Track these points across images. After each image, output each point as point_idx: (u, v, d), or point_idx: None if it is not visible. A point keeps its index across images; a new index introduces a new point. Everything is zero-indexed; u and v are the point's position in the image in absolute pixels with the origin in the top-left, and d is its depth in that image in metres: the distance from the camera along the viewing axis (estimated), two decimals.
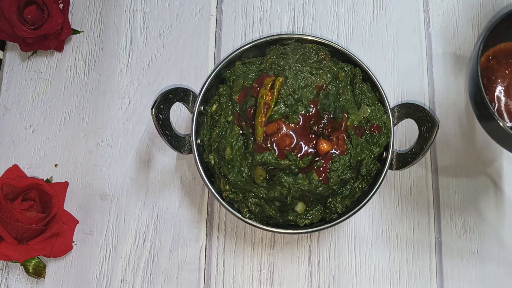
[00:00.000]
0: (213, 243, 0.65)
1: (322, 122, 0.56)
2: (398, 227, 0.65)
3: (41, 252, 0.61)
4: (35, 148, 0.68)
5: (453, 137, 0.67)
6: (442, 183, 0.66)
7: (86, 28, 0.72)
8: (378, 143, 0.59)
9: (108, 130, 0.68)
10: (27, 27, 0.67)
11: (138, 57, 0.70)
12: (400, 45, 0.71)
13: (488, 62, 0.58)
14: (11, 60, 0.71)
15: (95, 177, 0.66)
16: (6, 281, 0.63)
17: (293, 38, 0.63)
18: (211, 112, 0.62)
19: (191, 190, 0.66)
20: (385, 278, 0.64)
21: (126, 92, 0.69)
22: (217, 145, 0.59)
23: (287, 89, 0.56)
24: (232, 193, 0.58)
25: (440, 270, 0.64)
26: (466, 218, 0.65)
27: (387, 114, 0.60)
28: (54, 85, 0.70)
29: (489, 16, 0.72)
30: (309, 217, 0.58)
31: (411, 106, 0.60)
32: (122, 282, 0.63)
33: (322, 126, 0.56)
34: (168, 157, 0.67)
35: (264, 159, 0.54)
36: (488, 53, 0.58)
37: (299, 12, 0.72)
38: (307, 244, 0.65)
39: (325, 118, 0.56)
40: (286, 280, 0.64)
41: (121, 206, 0.65)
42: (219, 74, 0.62)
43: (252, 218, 0.58)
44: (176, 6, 0.72)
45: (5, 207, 0.60)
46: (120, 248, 0.64)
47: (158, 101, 0.57)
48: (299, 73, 0.57)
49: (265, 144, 0.55)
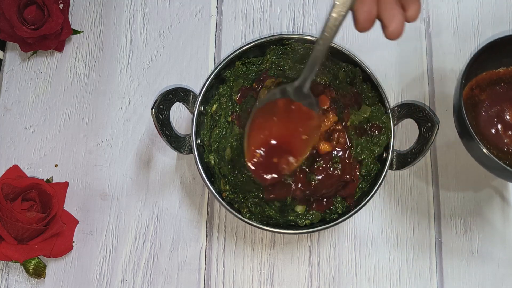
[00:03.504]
0: (213, 243, 0.65)
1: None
2: (398, 227, 0.65)
3: (41, 252, 0.61)
4: (35, 148, 0.68)
5: (453, 137, 0.67)
6: (442, 183, 0.66)
7: (86, 28, 0.72)
8: (378, 143, 0.59)
9: (108, 130, 0.68)
10: (27, 27, 0.67)
11: (138, 57, 0.70)
12: (400, 45, 0.71)
13: (472, 91, 0.61)
14: (11, 60, 0.71)
15: (95, 177, 0.67)
16: (6, 281, 0.63)
17: (293, 38, 0.63)
18: (211, 112, 0.62)
19: (191, 190, 0.66)
20: (385, 278, 0.64)
21: (126, 92, 0.69)
22: (217, 145, 0.59)
23: None
24: (232, 193, 0.58)
25: (440, 270, 0.64)
26: (466, 218, 0.65)
27: (387, 114, 0.60)
28: (54, 85, 0.70)
29: (489, 16, 0.72)
30: (309, 217, 0.58)
31: (411, 106, 0.60)
32: (122, 282, 0.63)
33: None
34: (168, 157, 0.67)
35: None
36: (471, 83, 0.61)
37: (299, 12, 0.72)
38: (307, 244, 0.65)
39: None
40: (286, 280, 0.64)
41: (121, 206, 0.66)
42: (219, 74, 0.62)
43: (252, 218, 0.58)
44: (176, 6, 0.72)
45: (5, 207, 0.60)
46: (120, 248, 0.64)
47: (158, 101, 0.57)
48: (299, 73, 0.57)
49: None
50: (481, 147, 0.54)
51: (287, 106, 0.52)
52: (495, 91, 0.61)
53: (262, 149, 0.51)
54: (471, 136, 0.55)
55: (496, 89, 0.61)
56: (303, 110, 0.52)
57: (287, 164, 0.52)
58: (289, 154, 0.52)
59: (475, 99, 0.60)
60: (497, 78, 0.62)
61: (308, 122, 0.52)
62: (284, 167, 0.52)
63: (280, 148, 0.52)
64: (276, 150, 0.52)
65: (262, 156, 0.51)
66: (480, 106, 0.60)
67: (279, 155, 0.52)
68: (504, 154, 0.58)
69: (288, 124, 0.52)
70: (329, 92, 0.56)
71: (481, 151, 0.55)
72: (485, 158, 0.55)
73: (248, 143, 0.52)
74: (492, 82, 0.61)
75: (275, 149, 0.52)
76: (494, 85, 0.61)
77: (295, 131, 0.52)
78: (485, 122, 0.59)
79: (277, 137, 0.52)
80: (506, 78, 0.62)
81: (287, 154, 0.52)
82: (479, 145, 0.55)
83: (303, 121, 0.52)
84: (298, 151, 0.52)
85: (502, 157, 0.58)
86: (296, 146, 0.52)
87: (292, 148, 0.52)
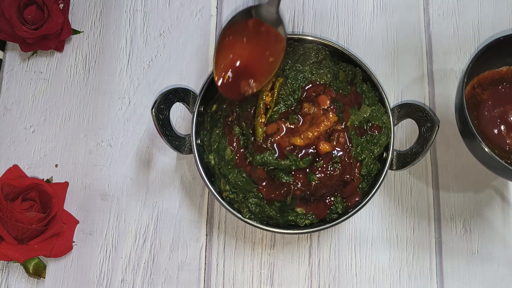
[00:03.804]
0: (213, 243, 0.65)
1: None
2: (398, 227, 0.65)
3: (41, 252, 0.61)
4: (35, 148, 0.68)
5: (453, 137, 0.67)
6: (442, 183, 0.66)
7: (86, 28, 0.72)
8: (378, 143, 0.59)
9: (108, 130, 0.68)
10: (27, 27, 0.67)
11: (138, 57, 0.70)
12: (400, 45, 0.71)
13: (474, 90, 0.61)
14: (11, 60, 0.71)
15: (95, 177, 0.66)
16: (6, 281, 0.63)
17: (293, 38, 0.63)
18: (211, 112, 0.62)
19: (191, 190, 0.66)
20: (385, 278, 0.64)
21: (126, 92, 0.69)
22: (217, 145, 0.59)
23: (287, 89, 0.56)
24: (232, 193, 0.58)
25: (440, 270, 0.64)
26: (466, 218, 0.65)
27: (387, 114, 0.60)
28: (54, 85, 0.70)
29: (489, 16, 0.72)
30: (309, 217, 0.58)
31: (411, 106, 0.60)
32: (122, 282, 0.63)
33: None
34: (168, 157, 0.67)
35: (264, 160, 0.54)
36: (473, 82, 0.61)
37: (299, 12, 0.72)
38: (307, 244, 0.64)
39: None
40: (286, 280, 0.64)
41: (121, 206, 0.65)
42: None
43: (252, 218, 0.58)
44: (176, 6, 0.72)
45: (5, 207, 0.60)
46: (120, 248, 0.64)
47: (158, 101, 0.57)
48: (299, 73, 0.57)
49: (265, 145, 0.55)
50: (483, 146, 0.54)
51: (256, 27, 0.54)
52: (497, 91, 0.60)
53: (230, 69, 0.54)
54: (473, 135, 0.55)
55: (498, 88, 0.61)
56: (271, 32, 0.53)
57: (250, 86, 0.54)
58: (254, 75, 0.54)
59: (477, 98, 0.60)
60: (499, 77, 0.61)
61: (276, 45, 0.53)
62: (248, 89, 0.54)
63: (247, 69, 0.54)
64: (242, 70, 0.54)
65: (230, 76, 0.54)
66: (482, 106, 0.60)
67: (245, 76, 0.54)
68: (506, 153, 0.58)
69: (257, 45, 0.54)
70: (329, 92, 0.56)
71: (483, 149, 0.55)
72: (487, 157, 0.55)
73: (217, 62, 0.53)
74: (494, 82, 0.61)
75: (241, 70, 0.54)
76: (496, 84, 0.61)
77: (263, 53, 0.54)
78: (487, 122, 0.59)
79: (244, 59, 0.54)
80: (508, 77, 0.61)
81: (252, 75, 0.54)
82: (481, 144, 0.54)
83: (271, 43, 0.53)
84: (264, 73, 0.54)
85: (503, 156, 0.58)
86: (262, 68, 0.54)
87: (257, 69, 0.54)
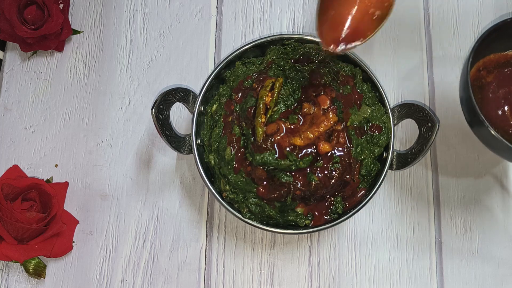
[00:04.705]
0: (213, 243, 0.65)
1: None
2: (398, 227, 0.65)
3: (41, 252, 0.61)
4: (35, 148, 0.68)
5: (453, 137, 0.67)
6: (442, 183, 0.66)
7: (86, 28, 0.72)
8: (378, 143, 0.59)
9: (108, 130, 0.68)
10: (27, 27, 0.67)
11: (138, 57, 0.70)
12: (400, 45, 0.71)
13: (479, 73, 0.60)
14: (11, 60, 0.71)
15: (95, 177, 0.67)
16: (6, 281, 0.63)
17: (293, 38, 0.63)
18: (211, 112, 0.62)
19: (191, 190, 0.66)
20: (385, 278, 0.64)
21: (126, 92, 0.69)
22: (217, 145, 0.59)
23: (287, 89, 0.56)
24: (232, 193, 0.58)
25: (440, 270, 0.64)
26: (466, 218, 0.65)
27: (387, 114, 0.60)
28: (54, 85, 0.70)
29: (489, 16, 0.72)
30: (309, 217, 0.58)
31: (411, 106, 0.60)
32: (122, 282, 0.63)
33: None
34: (168, 157, 0.67)
35: (264, 160, 0.54)
36: (479, 64, 0.60)
37: (299, 12, 0.72)
38: (307, 244, 0.64)
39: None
40: (286, 280, 0.64)
41: (121, 206, 0.66)
42: (219, 74, 0.62)
43: (252, 218, 0.58)
44: (176, 6, 0.72)
45: (5, 207, 0.60)
46: (120, 248, 0.64)
47: (158, 101, 0.57)
48: (299, 73, 0.57)
49: (265, 145, 0.55)
50: (488, 129, 0.53)
51: None
52: (503, 74, 0.59)
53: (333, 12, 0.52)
54: (478, 118, 0.54)
55: (504, 71, 0.59)
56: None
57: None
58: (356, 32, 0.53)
59: (481, 81, 0.59)
60: (505, 61, 0.60)
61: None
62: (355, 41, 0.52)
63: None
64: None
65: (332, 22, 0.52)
66: (487, 88, 0.58)
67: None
68: (510, 136, 0.57)
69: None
70: (329, 92, 0.56)
71: (488, 132, 0.54)
72: (491, 138, 0.54)
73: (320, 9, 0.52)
74: (500, 65, 0.60)
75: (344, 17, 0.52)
76: (501, 67, 0.60)
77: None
78: (492, 104, 0.58)
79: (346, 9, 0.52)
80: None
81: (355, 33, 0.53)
82: (489, 128, 0.53)
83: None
84: (367, 29, 0.53)
85: (507, 139, 0.56)
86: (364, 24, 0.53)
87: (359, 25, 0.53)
